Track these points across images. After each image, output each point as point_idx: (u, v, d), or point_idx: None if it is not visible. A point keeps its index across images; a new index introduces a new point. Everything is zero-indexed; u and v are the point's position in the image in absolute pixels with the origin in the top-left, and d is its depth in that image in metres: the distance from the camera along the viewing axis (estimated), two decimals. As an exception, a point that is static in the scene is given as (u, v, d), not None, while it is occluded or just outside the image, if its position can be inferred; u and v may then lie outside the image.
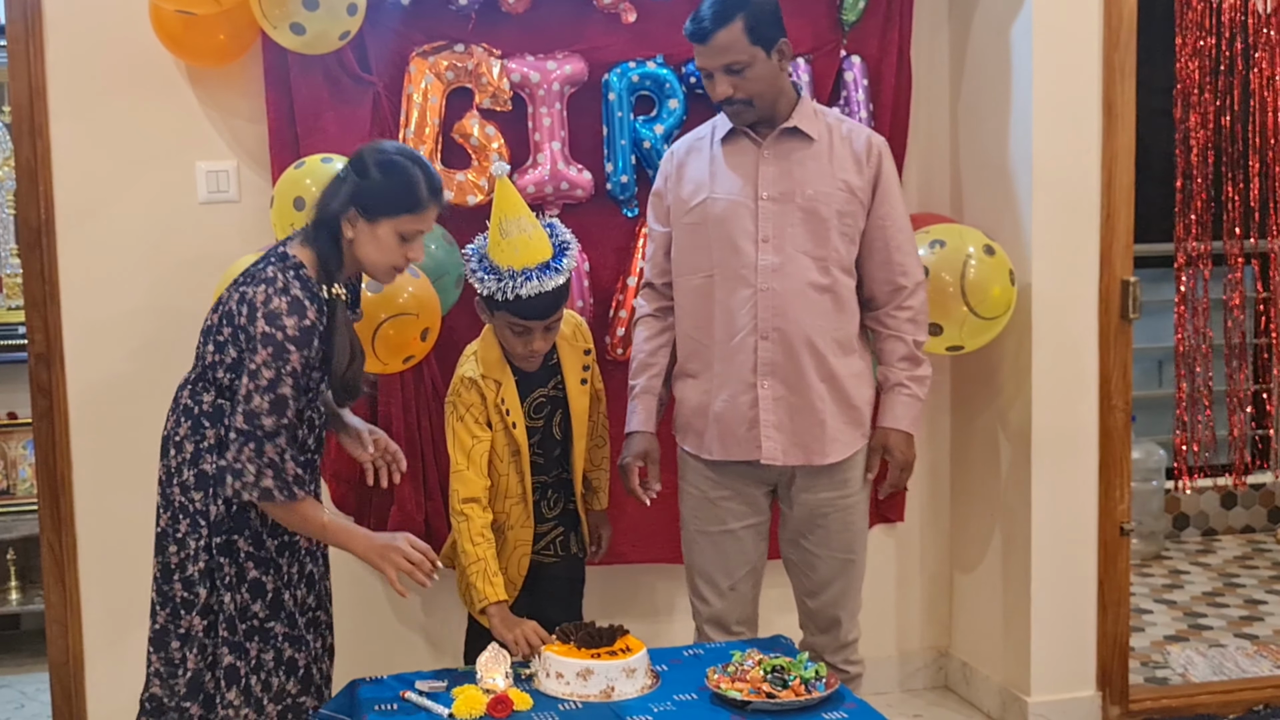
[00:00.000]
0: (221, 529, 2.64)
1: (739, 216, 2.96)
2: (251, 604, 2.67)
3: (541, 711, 2.43)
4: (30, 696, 4.22)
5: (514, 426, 2.92)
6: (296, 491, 2.57)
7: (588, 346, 3.05)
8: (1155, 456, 5.49)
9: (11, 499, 4.76)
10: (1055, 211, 3.61)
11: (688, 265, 3.04)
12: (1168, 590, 5.17)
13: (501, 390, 2.92)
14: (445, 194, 2.69)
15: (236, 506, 2.63)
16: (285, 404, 2.53)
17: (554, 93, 3.49)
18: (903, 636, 4.11)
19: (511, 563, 2.99)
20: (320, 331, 2.57)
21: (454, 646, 3.66)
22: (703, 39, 2.88)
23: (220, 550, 2.64)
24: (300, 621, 2.74)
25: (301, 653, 2.74)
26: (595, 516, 3.17)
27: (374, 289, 3.14)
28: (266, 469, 2.54)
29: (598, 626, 2.61)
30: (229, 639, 2.65)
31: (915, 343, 3.03)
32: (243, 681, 2.66)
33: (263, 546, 2.67)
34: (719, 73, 2.90)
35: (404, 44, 3.46)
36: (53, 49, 3.39)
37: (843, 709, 2.44)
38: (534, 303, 2.80)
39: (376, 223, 2.59)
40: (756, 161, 2.98)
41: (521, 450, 2.94)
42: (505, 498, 2.96)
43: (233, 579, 2.64)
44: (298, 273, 2.58)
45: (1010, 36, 3.66)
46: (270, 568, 2.68)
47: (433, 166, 2.71)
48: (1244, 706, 3.90)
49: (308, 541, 2.76)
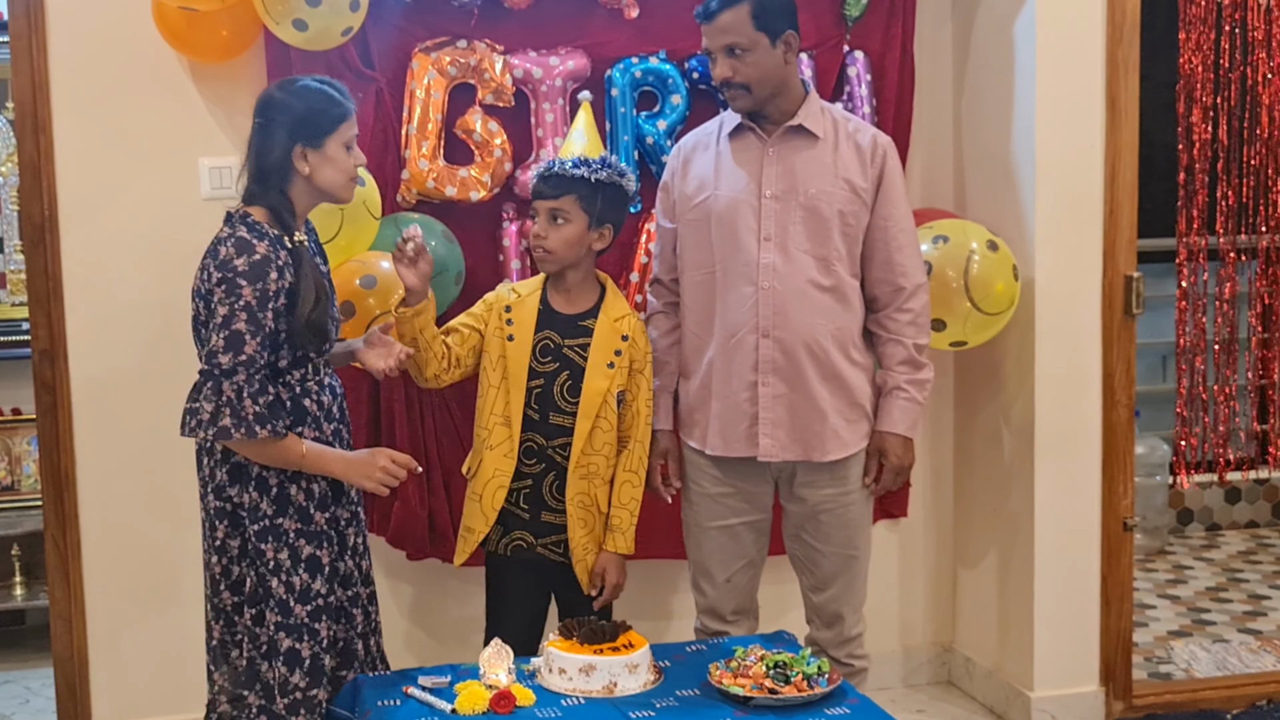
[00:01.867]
0: (258, 515, 2.63)
1: (742, 214, 2.96)
2: (312, 582, 2.66)
3: (544, 707, 2.44)
4: (35, 692, 4.23)
5: (510, 339, 2.94)
6: (257, 429, 2.53)
7: (627, 333, 2.99)
8: (1159, 452, 5.49)
9: (16, 495, 4.77)
10: (1058, 207, 3.61)
11: (691, 261, 3.05)
12: (1171, 585, 5.17)
13: (517, 301, 2.98)
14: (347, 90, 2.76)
15: (276, 489, 2.64)
16: (240, 340, 2.52)
17: (557, 88, 3.49)
18: (906, 632, 4.11)
19: (488, 492, 2.96)
20: (277, 266, 2.58)
21: (458, 643, 3.67)
22: (708, 18, 2.91)
23: (260, 536, 2.63)
24: (342, 594, 2.75)
25: (340, 625, 2.75)
26: (604, 558, 3.01)
27: (367, 284, 3.15)
28: (224, 407, 2.52)
29: (601, 622, 2.61)
30: (284, 623, 2.63)
31: (916, 346, 3.02)
32: (306, 663, 2.64)
33: (311, 521, 2.67)
34: (720, 54, 2.91)
35: (406, 40, 3.46)
36: (55, 45, 3.39)
37: (845, 705, 2.45)
38: (541, 182, 2.96)
39: (323, 146, 2.66)
40: (761, 159, 2.98)
41: (511, 373, 2.93)
42: (490, 413, 2.96)
43: (284, 562, 2.63)
44: (244, 220, 2.63)
45: (1013, 31, 3.66)
46: (323, 541, 2.68)
47: (326, 78, 2.78)
48: (1247, 701, 3.90)
49: (347, 512, 2.78)
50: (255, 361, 2.54)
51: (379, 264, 3.20)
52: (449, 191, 3.41)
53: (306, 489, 2.67)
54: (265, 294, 2.55)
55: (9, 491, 4.76)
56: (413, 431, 3.51)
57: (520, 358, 2.93)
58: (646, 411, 3.04)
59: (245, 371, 2.53)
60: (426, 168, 3.41)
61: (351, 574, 2.78)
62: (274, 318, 2.57)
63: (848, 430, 3.00)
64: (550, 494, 2.99)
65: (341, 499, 2.76)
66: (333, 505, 2.73)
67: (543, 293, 3.00)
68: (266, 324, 2.55)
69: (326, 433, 2.73)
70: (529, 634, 2.99)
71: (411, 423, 3.51)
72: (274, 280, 2.56)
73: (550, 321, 2.97)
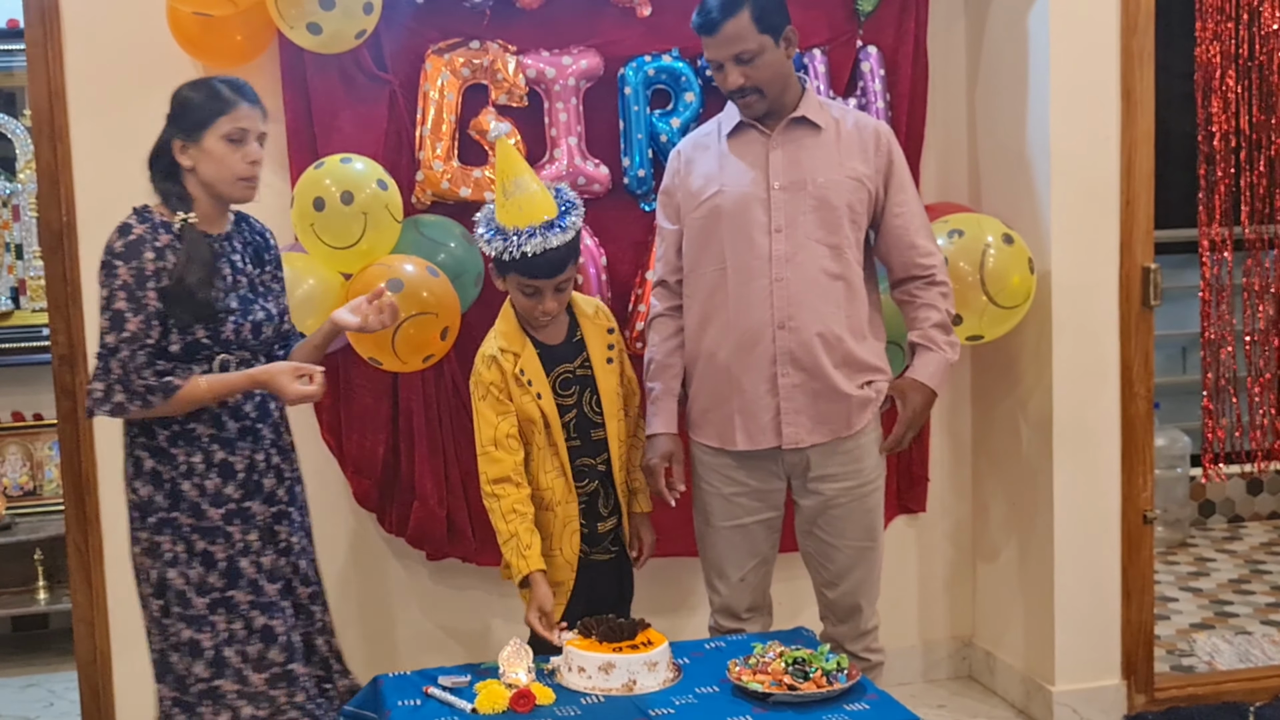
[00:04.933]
0: (153, 508, 2.69)
1: (750, 208, 2.97)
2: (206, 576, 2.69)
3: (564, 706, 2.44)
4: (59, 695, 4.26)
5: (539, 397, 2.91)
6: (151, 399, 2.60)
7: (611, 325, 3.05)
8: (1180, 443, 5.46)
9: (38, 499, 4.80)
10: (1074, 199, 3.60)
11: (699, 259, 3.04)
12: (1193, 578, 5.14)
13: (521, 361, 2.92)
14: (249, 88, 2.73)
15: (169, 484, 2.68)
16: (121, 318, 2.58)
17: (570, 88, 3.49)
18: (925, 626, 4.10)
19: (564, 540, 2.95)
20: (155, 247, 2.61)
21: (478, 643, 3.68)
22: (711, 30, 2.90)
23: (156, 529, 2.68)
24: (272, 589, 2.74)
25: (276, 620, 2.73)
26: (637, 519, 3.10)
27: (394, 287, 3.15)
28: (116, 385, 2.59)
29: (619, 620, 2.62)
30: (183, 614, 2.67)
31: (948, 312, 3.06)
32: (208, 654, 2.68)
33: (204, 517, 2.69)
34: (729, 63, 2.91)
35: (419, 41, 3.46)
36: (71, 52, 3.41)
37: (864, 700, 2.44)
38: (540, 260, 2.82)
39: (200, 139, 2.67)
40: (766, 152, 2.99)
41: (552, 424, 2.91)
42: (544, 473, 2.94)
43: (179, 554, 2.68)
44: (136, 211, 2.68)
45: (1027, 23, 3.64)
46: (219, 536, 2.69)
47: (230, 77, 2.77)
48: (1270, 694, 3.88)
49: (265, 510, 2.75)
50: (139, 338, 2.59)
51: (403, 267, 3.21)
52: (463, 192, 3.42)
53: (199, 484, 2.69)
54: (142, 273, 2.59)
55: (31, 496, 4.80)
56: (431, 431, 3.52)
57: (551, 409, 2.93)
58: (635, 377, 3.12)
59: (129, 348, 2.59)
60: (441, 169, 3.42)
61: (276, 567, 2.77)
62: (158, 298, 2.60)
63: (871, 397, 3.02)
64: (603, 504, 3.00)
65: (257, 496, 2.74)
66: (239, 501, 2.71)
67: (529, 337, 2.95)
68: (148, 303, 2.60)
69: (233, 430, 2.71)
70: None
71: (430, 422, 3.52)
72: (150, 260, 2.60)
73: (555, 358, 2.96)
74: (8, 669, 4.54)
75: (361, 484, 3.58)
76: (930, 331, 3.05)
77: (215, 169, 2.68)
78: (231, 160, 2.69)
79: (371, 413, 3.54)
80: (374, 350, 3.23)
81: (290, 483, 2.84)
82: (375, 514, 3.64)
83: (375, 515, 3.64)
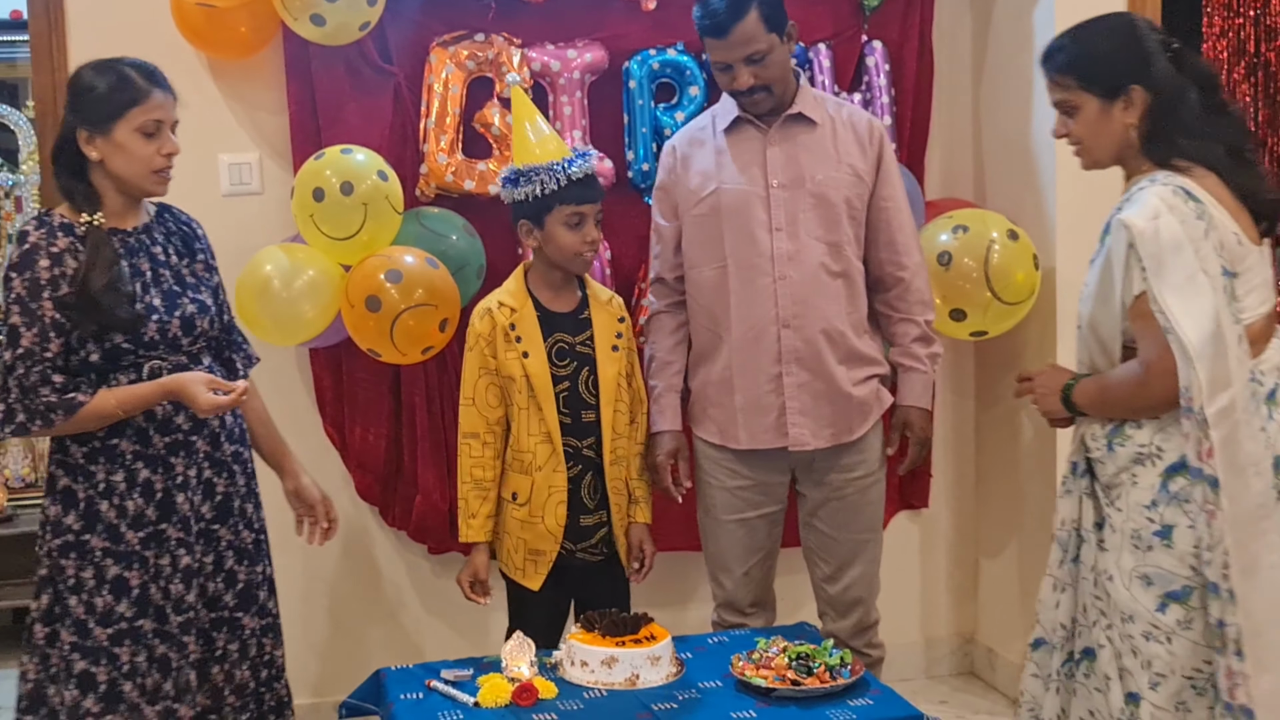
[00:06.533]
0: (61, 530, 2.55)
1: (750, 205, 2.96)
2: (115, 605, 2.54)
3: (566, 700, 2.44)
4: (61, 687, 4.25)
5: (526, 356, 2.88)
6: (53, 417, 2.46)
7: (622, 315, 3.02)
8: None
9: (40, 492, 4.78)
10: (1079, 195, 3.58)
11: (700, 257, 3.03)
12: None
13: (516, 316, 2.90)
14: (161, 74, 2.58)
15: (84, 503, 2.54)
16: (16, 334, 2.46)
17: (575, 81, 3.49)
18: (928, 623, 4.10)
19: (549, 508, 2.92)
20: (51, 253, 2.47)
21: (480, 636, 3.68)
22: (721, 33, 2.88)
23: (62, 552, 2.55)
24: (175, 620, 2.59)
25: (174, 653, 2.59)
26: (637, 530, 3.04)
27: (393, 278, 3.15)
28: (16, 404, 2.47)
29: (622, 615, 2.61)
30: (79, 644, 2.53)
31: (926, 322, 3.08)
32: (102, 688, 2.53)
33: (122, 540, 2.55)
34: (740, 64, 2.89)
35: (424, 34, 3.46)
36: (75, 44, 3.41)
37: (868, 696, 2.44)
38: (585, 185, 2.85)
39: (110, 131, 2.52)
40: (764, 149, 2.98)
41: (538, 387, 2.88)
42: (528, 435, 2.91)
43: (85, 581, 2.53)
44: (37, 216, 2.55)
45: (1033, 18, 3.63)
46: (135, 562, 2.55)
47: (137, 60, 2.60)
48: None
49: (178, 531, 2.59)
50: (34, 353, 2.46)
51: (403, 258, 3.21)
52: (467, 185, 3.42)
53: (119, 505, 2.54)
54: (36, 282, 2.46)
55: (33, 488, 4.79)
56: (433, 424, 3.52)
57: (541, 370, 2.89)
58: (643, 384, 3.08)
59: (24, 365, 2.46)
60: (445, 161, 3.41)
61: (179, 600, 2.60)
62: (54, 307, 2.46)
63: (866, 405, 3.03)
64: (588, 495, 2.96)
65: (171, 517, 2.58)
66: (155, 524, 2.57)
67: (532, 298, 2.94)
68: (44, 314, 2.46)
69: (160, 445, 2.57)
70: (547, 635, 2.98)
71: (432, 415, 3.52)
72: (45, 268, 2.46)
73: (555, 324, 2.93)
74: (7, 661, 4.54)
75: (364, 478, 3.58)
76: (912, 348, 3.07)
77: (127, 163, 2.53)
78: (146, 154, 2.53)
79: (374, 407, 3.53)
80: (373, 342, 3.23)
81: (224, 497, 2.67)
82: (378, 508, 3.64)
83: (378, 509, 3.64)
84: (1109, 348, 2.41)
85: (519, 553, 2.96)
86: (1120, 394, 2.39)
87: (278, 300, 3.18)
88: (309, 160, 3.25)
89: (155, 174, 2.57)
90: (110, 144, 2.53)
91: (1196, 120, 2.39)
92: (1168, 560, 2.31)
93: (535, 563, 2.94)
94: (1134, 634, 2.33)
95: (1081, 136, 2.47)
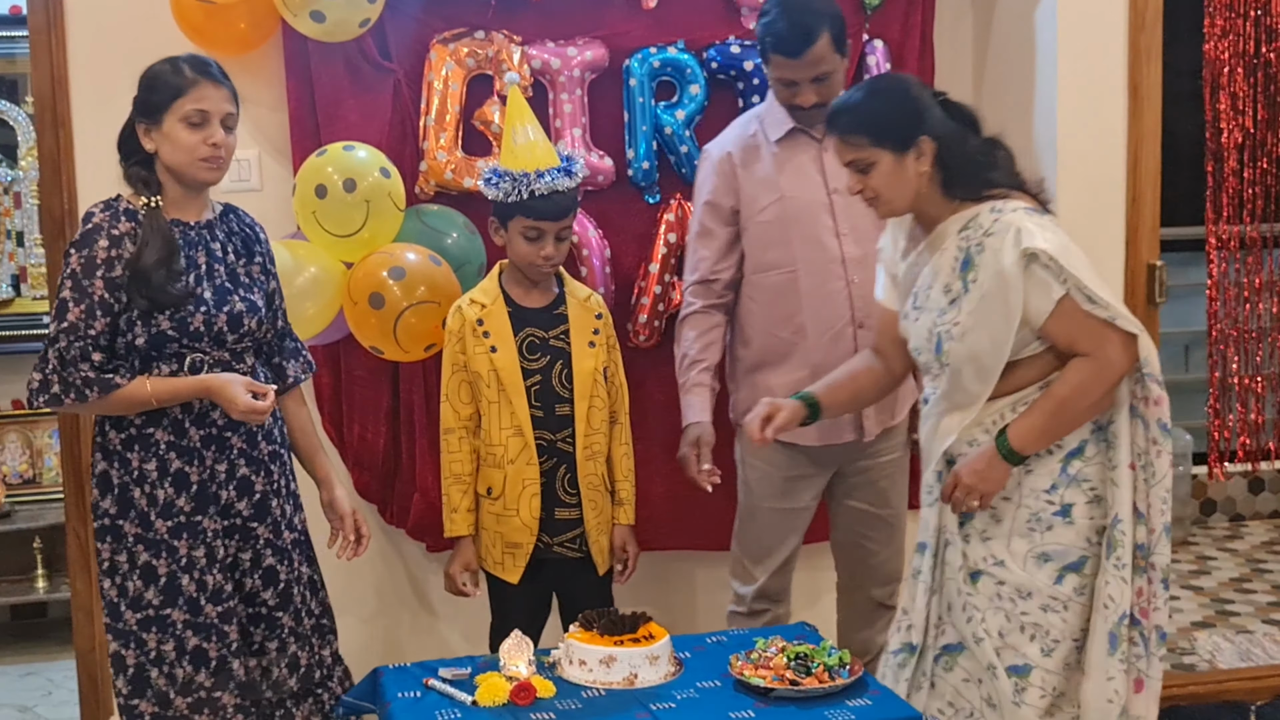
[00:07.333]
0: (99, 513, 2.62)
1: (815, 212, 3.06)
2: (144, 591, 2.60)
3: (564, 699, 2.43)
4: (57, 684, 4.26)
5: (494, 351, 2.93)
6: (87, 394, 2.51)
7: (600, 311, 3.07)
8: (1182, 441, 5.45)
9: (38, 488, 4.79)
10: (1080, 195, 3.58)
11: (764, 262, 3.11)
12: (1195, 576, 5.14)
13: (485, 312, 2.96)
14: (211, 64, 2.64)
15: (118, 489, 2.60)
16: (65, 307, 2.52)
17: (575, 79, 3.48)
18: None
19: (522, 501, 2.96)
20: (110, 235, 2.55)
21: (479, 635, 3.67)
22: (796, 53, 2.97)
23: (99, 535, 2.62)
24: (212, 610, 2.63)
25: (212, 643, 2.63)
26: (620, 531, 3.10)
27: (395, 274, 3.14)
28: (52, 375, 2.52)
29: (621, 614, 2.61)
30: (112, 625, 2.61)
31: None
32: (129, 671, 2.60)
33: (151, 528, 2.60)
34: (806, 83, 3.00)
35: (424, 31, 3.45)
36: (74, 40, 3.40)
37: (866, 696, 2.43)
38: (546, 202, 2.89)
39: (160, 122, 2.59)
40: (820, 156, 3.08)
41: (507, 382, 2.93)
42: (499, 429, 2.96)
43: (118, 564, 2.61)
44: (106, 201, 2.62)
45: (1034, 18, 3.63)
46: (163, 550, 2.60)
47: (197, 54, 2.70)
48: (1271, 693, 3.87)
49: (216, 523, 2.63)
50: (78, 328, 2.51)
51: (406, 255, 3.21)
52: (467, 183, 3.41)
53: (150, 494, 2.59)
54: (92, 260, 2.53)
55: (31, 485, 4.79)
56: (431, 422, 3.50)
57: (509, 364, 2.94)
58: (625, 383, 3.11)
59: (67, 338, 2.51)
60: (445, 159, 3.40)
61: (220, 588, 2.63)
62: (105, 286, 2.53)
63: (911, 387, 3.16)
64: (563, 488, 3.00)
65: (209, 509, 2.63)
66: (190, 515, 2.61)
67: (504, 294, 2.99)
68: (94, 291, 2.52)
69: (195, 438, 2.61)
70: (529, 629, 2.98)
71: (430, 414, 3.51)
72: (102, 247, 2.53)
73: (526, 319, 2.98)
74: (6, 657, 4.54)
75: (362, 475, 3.57)
76: None
77: (174, 152, 2.59)
78: (191, 143, 2.59)
79: (372, 404, 3.53)
80: (376, 339, 3.23)
81: (262, 496, 2.71)
82: (376, 505, 3.63)
83: (376, 506, 3.64)
84: (989, 376, 2.54)
85: (496, 547, 3.01)
86: (1081, 397, 2.52)
87: (277, 297, 3.18)
88: (311, 157, 3.25)
89: (202, 161, 2.61)
90: (161, 135, 2.60)
91: (981, 155, 2.62)
92: (1068, 535, 2.56)
93: (513, 556, 2.99)
94: (1030, 609, 2.57)
95: (879, 189, 2.61)
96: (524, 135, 2.93)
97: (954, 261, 2.56)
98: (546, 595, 3.10)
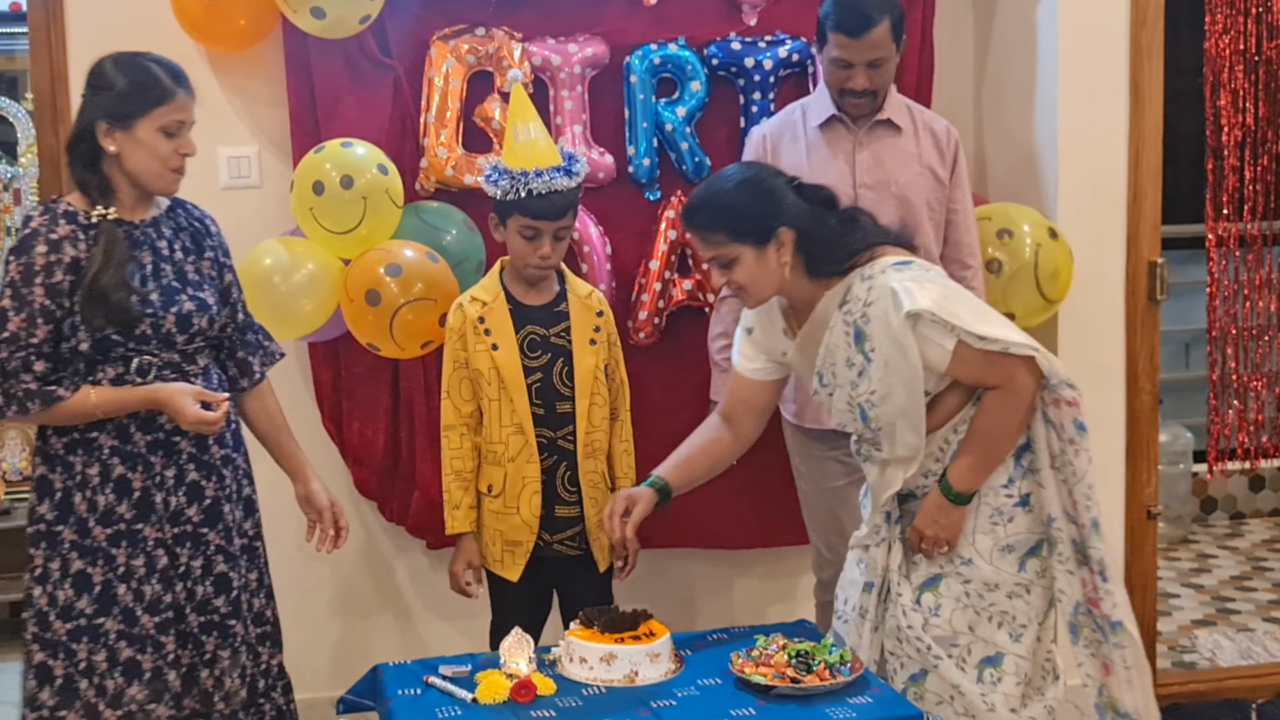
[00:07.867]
0: (35, 518, 2.56)
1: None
2: (76, 600, 2.53)
3: (565, 696, 2.43)
4: (57, 681, 4.24)
5: (495, 349, 2.93)
6: (30, 406, 2.45)
7: (601, 309, 3.06)
8: (1182, 439, 5.45)
9: (37, 485, 4.78)
10: (1081, 193, 3.58)
11: None
12: (1195, 574, 5.14)
13: (485, 310, 2.95)
14: (186, 76, 2.57)
15: (60, 494, 2.55)
16: (5, 316, 2.45)
17: (575, 75, 3.48)
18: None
19: (523, 499, 2.96)
20: (50, 240, 2.46)
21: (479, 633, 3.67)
22: (859, 33, 3.01)
23: (33, 541, 2.55)
24: (149, 621, 2.55)
25: (147, 655, 2.55)
26: None
27: (392, 271, 3.14)
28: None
29: (621, 611, 2.60)
30: (39, 635, 2.53)
31: None
32: (56, 682, 2.52)
33: (89, 535, 2.53)
34: (862, 66, 3.04)
35: (424, 27, 3.45)
36: (74, 36, 3.40)
37: (867, 694, 2.43)
38: (544, 201, 2.87)
39: (132, 127, 2.51)
40: (853, 150, 3.13)
41: (508, 380, 2.92)
42: (500, 427, 2.95)
43: (51, 571, 2.54)
44: (43, 203, 2.54)
45: (1036, 16, 3.63)
46: (100, 558, 2.54)
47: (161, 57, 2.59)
48: (1273, 691, 3.87)
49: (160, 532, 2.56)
50: (19, 338, 2.46)
51: (403, 252, 3.20)
52: (467, 180, 3.40)
53: (90, 500, 2.53)
54: (30, 267, 2.46)
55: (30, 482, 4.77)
56: (431, 419, 3.50)
57: (510, 361, 2.93)
58: (626, 381, 3.10)
59: (8, 349, 2.45)
60: (445, 156, 3.40)
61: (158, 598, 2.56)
62: (46, 293, 2.46)
63: None
64: (564, 485, 2.99)
65: (149, 517, 2.56)
66: (130, 522, 2.55)
67: (505, 292, 2.99)
68: (34, 299, 2.45)
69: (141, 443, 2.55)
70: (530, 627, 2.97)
71: (430, 410, 3.50)
72: (40, 253, 2.46)
73: (527, 317, 2.97)
74: (5, 654, 4.53)
75: (362, 472, 3.56)
76: None
77: (145, 160, 2.53)
78: (165, 152, 2.53)
79: (372, 401, 3.52)
80: (372, 336, 3.22)
81: (214, 501, 2.63)
82: (376, 502, 3.63)
83: (376, 504, 3.63)
84: (921, 424, 2.58)
85: (496, 544, 3.00)
86: (1004, 425, 2.58)
87: (276, 294, 3.17)
88: (309, 153, 3.24)
89: (172, 172, 2.57)
90: (130, 139, 2.52)
91: (842, 233, 2.62)
92: (1026, 522, 2.63)
93: (513, 553, 2.99)
94: (998, 599, 2.64)
95: (744, 283, 2.62)
96: (525, 133, 2.92)
97: (846, 338, 2.59)
98: (547, 593, 3.10)
